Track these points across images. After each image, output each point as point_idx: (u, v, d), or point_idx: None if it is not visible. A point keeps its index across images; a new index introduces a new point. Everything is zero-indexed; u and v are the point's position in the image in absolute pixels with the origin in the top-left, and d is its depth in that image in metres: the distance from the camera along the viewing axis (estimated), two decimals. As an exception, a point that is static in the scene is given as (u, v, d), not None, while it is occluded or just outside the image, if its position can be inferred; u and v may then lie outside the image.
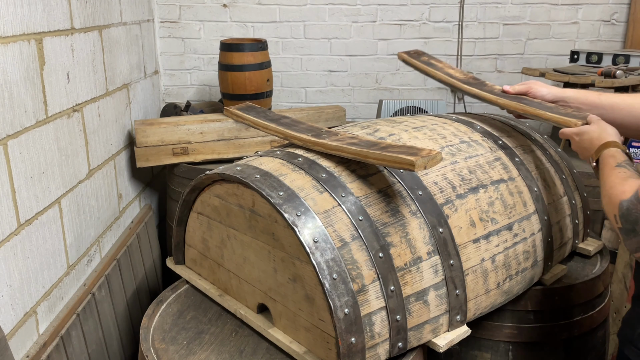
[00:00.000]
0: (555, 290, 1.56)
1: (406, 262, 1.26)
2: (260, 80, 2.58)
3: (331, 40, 3.10)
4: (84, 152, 1.85)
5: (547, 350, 1.58)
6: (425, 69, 1.83)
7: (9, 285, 1.38)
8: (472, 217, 1.40)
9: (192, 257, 1.65)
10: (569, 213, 1.68)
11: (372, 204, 1.28)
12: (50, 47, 1.62)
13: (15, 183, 1.42)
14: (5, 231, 1.37)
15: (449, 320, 1.32)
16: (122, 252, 2.09)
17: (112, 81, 2.14)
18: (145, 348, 1.36)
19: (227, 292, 1.53)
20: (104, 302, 1.89)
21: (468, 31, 3.10)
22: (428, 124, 1.64)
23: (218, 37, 3.04)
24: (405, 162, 1.17)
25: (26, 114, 1.48)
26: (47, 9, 1.61)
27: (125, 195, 2.29)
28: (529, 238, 1.51)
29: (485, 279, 1.39)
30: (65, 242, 1.69)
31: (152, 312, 1.51)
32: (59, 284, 1.65)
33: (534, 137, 1.78)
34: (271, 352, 1.36)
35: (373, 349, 1.20)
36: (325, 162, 1.35)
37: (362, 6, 3.05)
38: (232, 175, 1.33)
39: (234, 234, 1.43)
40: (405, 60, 1.90)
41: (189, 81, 3.14)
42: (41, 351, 1.47)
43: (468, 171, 1.47)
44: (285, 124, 1.59)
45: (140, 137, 2.24)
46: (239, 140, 2.37)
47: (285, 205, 1.21)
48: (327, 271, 1.15)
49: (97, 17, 2.00)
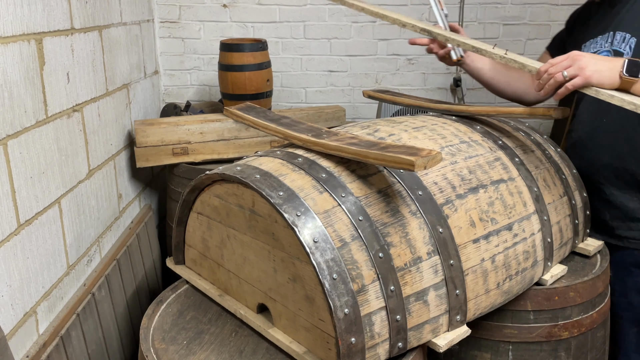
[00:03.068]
0: (555, 290, 1.56)
1: (406, 262, 1.26)
2: (260, 81, 2.58)
3: (331, 40, 3.10)
4: (83, 152, 1.85)
5: (547, 350, 1.59)
6: (392, 99, 1.94)
7: (8, 285, 1.38)
8: (472, 217, 1.40)
9: (192, 257, 1.65)
10: (569, 213, 1.68)
11: (372, 204, 1.28)
12: (50, 47, 1.62)
13: (15, 183, 1.42)
14: (5, 231, 1.37)
15: (449, 320, 1.32)
16: (122, 252, 2.09)
17: (112, 81, 2.14)
18: (145, 348, 1.36)
19: (227, 292, 1.53)
20: (104, 302, 1.89)
21: (468, 31, 3.10)
22: (428, 124, 1.64)
23: (218, 37, 3.04)
24: (405, 162, 1.17)
25: (26, 114, 1.48)
26: (47, 9, 1.61)
27: (125, 195, 2.29)
28: (529, 238, 1.51)
29: (485, 279, 1.39)
30: (65, 242, 1.69)
31: (152, 312, 1.51)
32: (58, 284, 1.65)
33: (534, 137, 1.78)
34: (271, 352, 1.36)
35: (373, 349, 1.20)
36: (325, 162, 1.35)
37: (362, 6, 3.05)
38: (232, 175, 1.33)
39: (234, 234, 1.43)
40: (371, 96, 2.00)
41: (189, 81, 3.14)
42: (41, 351, 1.47)
43: (468, 171, 1.47)
44: (285, 124, 1.59)
45: (140, 137, 2.24)
46: (239, 140, 2.37)
47: (285, 205, 1.21)
48: (327, 271, 1.15)
49: (97, 17, 2.00)
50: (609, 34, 1.75)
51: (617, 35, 1.72)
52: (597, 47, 1.77)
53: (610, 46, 1.73)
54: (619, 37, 1.71)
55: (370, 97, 2.01)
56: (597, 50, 1.77)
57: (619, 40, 1.71)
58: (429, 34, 1.74)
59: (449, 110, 1.81)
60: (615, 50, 1.71)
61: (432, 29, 1.74)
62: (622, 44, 1.69)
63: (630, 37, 1.68)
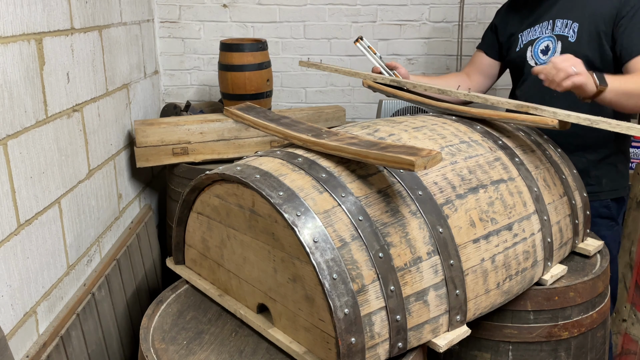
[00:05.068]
0: (555, 290, 1.56)
1: (406, 262, 1.26)
2: (260, 81, 2.58)
3: (331, 40, 3.10)
4: (83, 152, 1.85)
5: (547, 350, 1.59)
6: (393, 92, 1.98)
7: (8, 285, 1.38)
8: (472, 217, 1.40)
9: (192, 257, 1.65)
10: (569, 213, 1.68)
11: (372, 204, 1.28)
12: (50, 47, 1.62)
13: (15, 183, 1.42)
14: (5, 231, 1.37)
15: (449, 320, 1.32)
16: (122, 252, 2.09)
17: (112, 81, 2.14)
18: (145, 348, 1.36)
19: (227, 292, 1.53)
20: (104, 302, 1.89)
21: (468, 31, 3.10)
22: (428, 124, 1.64)
23: (218, 37, 3.04)
24: (405, 162, 1.17)
25: (26, 114, 1.48)
26: (47, 9, 1.61)
27: (125, 196, 2.29)
28: (529, 238, 1.51)
29: (485, 279, 1.39)
30: (65, 242, 1.69)
31: (152, 312, 1.51)
32: (58, 284, 1.65)
33: (534, 137, 1.78)
34: (271, 352, 1.36)
35: (373, 349, 1.20)
36: (325, 162, 1.35)
37: (362, 6, 3.05)
38: (232, 175, 1.33)
39: (234, 234, 1.43)
40: (371, 86, 2.05)
41: (188, 81, 3.14)
42: (41, 351, 1.47)
43: (468, 171, 1.47)
44: (285, 124, 1.59)
45: (140, 137, 2.24)
46: (238, 140, 2.37)
47: (285, 205, 1.21)
48: (327, 271, 1.15)
49: (97, 17, 2.00)
50: (548, 22, 1.98)
51: (558, 22, 1.95)
52: (536, 34, 2.01)
53: (551, 32, 1.96)
54: (559, 24, 1.94)
55: (370, 88, 2.00)
56: (537, 37, 2.00)
57: (560, 27, 1.94)
58: (397, 83, 1.95)
59: (450, 110, 1.81)
60: (558, 34, 1.94)
61: (400, 80, 1.96)
62: (565, 29, 1.92)
63: (573, 23, 1.91)
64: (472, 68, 2.27)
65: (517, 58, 2.07)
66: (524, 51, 2.04)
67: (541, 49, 1.99)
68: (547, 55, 1.97)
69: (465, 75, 2.26)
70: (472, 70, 2.26)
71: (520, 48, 2.05)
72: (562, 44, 1.92)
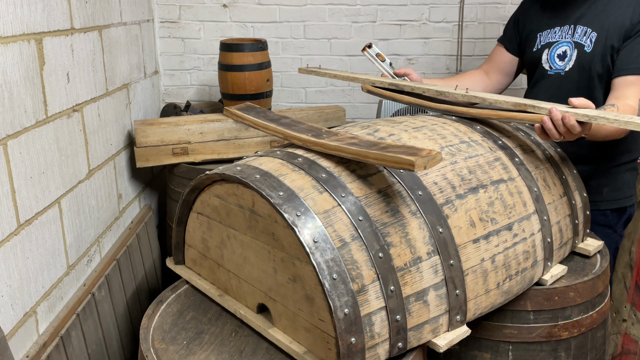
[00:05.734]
0: (555, 290, 1.56)
1: (406, 262, 1.26)
2: (260, 81, 2.58)
3: (331, 40, 3.10)
4: (83, 152, 1.85)
5: (547, 350, 1.59)
6: (392, 95, 1.98)
7: (8, 285, 1.38)
8: (472, 217, 1.40)
9: (192, 257, 1.65)
10: (568, 213, 1.68)
11: (372, 204, 1.28)
12: (50, 47, 1.62)
13: (15, 183, 1.42)
14: (5, 231, 1.37)
15: (449, 320, 1.32)
16: (122, 252, 2.09)
17: (112, 81, 2.14)
18: (145, 348, 1.36)
19: (227, 292, 1.53)
20: (104, 302, 1.89)
21: (468, 31, 3.10)
22: (428, 124, 1.64)
23: (218, 37, 3.04)
24: (405, 162, 1.17)
25: (26, 114, 1.48)
26: (47, 9, 1.61)
27: (125, 196, 2.29)
28: (529, 238, 1.51)
29: (485, 279, 1.39)
30: (65, 242, 1.69)
31: (152, 312, 1.51)
32: (58, 284, 1.65)
33: (534, 137, 1.78)
34: (271, 352, 1.36)
35: (373, 349, 1.20)
36: (325, 162, 1.35)
37: (362, 6, 3.05)
38: (232, 175, 1.33)
39: (234, 234, 1.43)
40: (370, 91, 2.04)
41: (188, 81, 3.14)
42: (41, 351, 1.47)
43: (468, 171, 1.47)
44: (285, 124, 1.59)
45: (140, 137, 2.24)
46: (238, 140, 2.37)
47: (285, 205, 1.21)
48: (327, 271, 1.15)
49: (97, 17, 2.00)
50: (569, 26, 1.94)
51: (578, 28, 1.91)
52: (556, 37, 1.97)
53: (571, 38, 1.93)
54: (579, 31, 1.90)
55: (370, 93, 2.00)
56: (555, 40, 1.97)
57: (580, 34, 1.90)
58: (395, 86, 1.94)
59: (450, 111, 1.81)
60: (576, 42, 1.91)
61: (398, 82, 1.96)
62: (584, 37, 1.89)
63: (592, 32, 1.88)
64: (491, 65, 2.20)
65: (532, 58, 2.03)
66: (540, 52, 1.99)
67: (558, 54, 1.95)
68: (564, 61, 1.93)
69: (483, 74, 2.20)
70: (490, 68, 2.20)
71: (538, 49, 2.00)
72: (577, 52, 1.90)
